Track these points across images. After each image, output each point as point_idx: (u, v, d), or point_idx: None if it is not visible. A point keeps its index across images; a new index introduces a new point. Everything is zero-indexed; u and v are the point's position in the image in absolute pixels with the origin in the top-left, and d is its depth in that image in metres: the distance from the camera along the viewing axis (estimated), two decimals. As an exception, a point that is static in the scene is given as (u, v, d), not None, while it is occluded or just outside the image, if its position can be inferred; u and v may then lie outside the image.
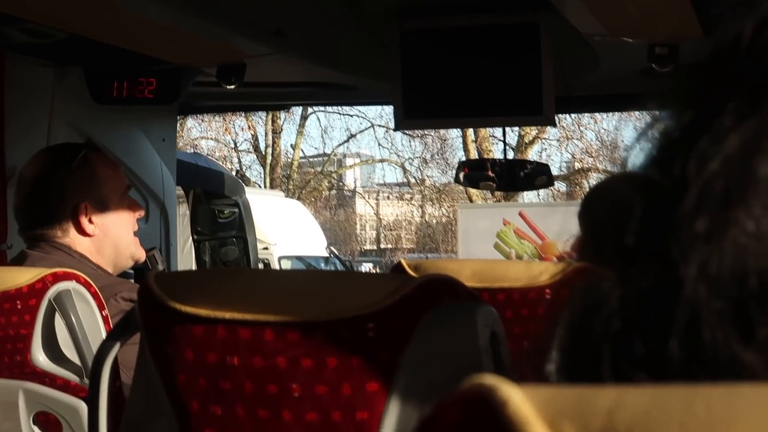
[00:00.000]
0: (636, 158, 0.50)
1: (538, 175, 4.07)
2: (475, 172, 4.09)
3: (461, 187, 23.12)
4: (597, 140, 24.34)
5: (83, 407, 2.31)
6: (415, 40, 3.50)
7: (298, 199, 25.27)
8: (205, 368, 1.33)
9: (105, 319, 2.41)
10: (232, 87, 3.55)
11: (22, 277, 2.36)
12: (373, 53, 3.65)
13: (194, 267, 5.21)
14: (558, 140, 24.45)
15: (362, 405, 1.29)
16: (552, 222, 16.25)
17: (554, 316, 0.54)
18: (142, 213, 2.96)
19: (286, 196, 19.33)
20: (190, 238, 5.30)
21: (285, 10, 3.23)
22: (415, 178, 26.70)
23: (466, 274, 2.11)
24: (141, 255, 2.93)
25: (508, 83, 3.43)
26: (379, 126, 25.89)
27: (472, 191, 22.64)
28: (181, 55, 3.46)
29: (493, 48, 3.45)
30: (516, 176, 4.04)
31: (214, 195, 5.16)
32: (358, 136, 27.66)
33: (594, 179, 23.20)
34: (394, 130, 3.67)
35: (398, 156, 26.53)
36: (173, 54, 3.45)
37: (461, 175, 4.08)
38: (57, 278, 2.36)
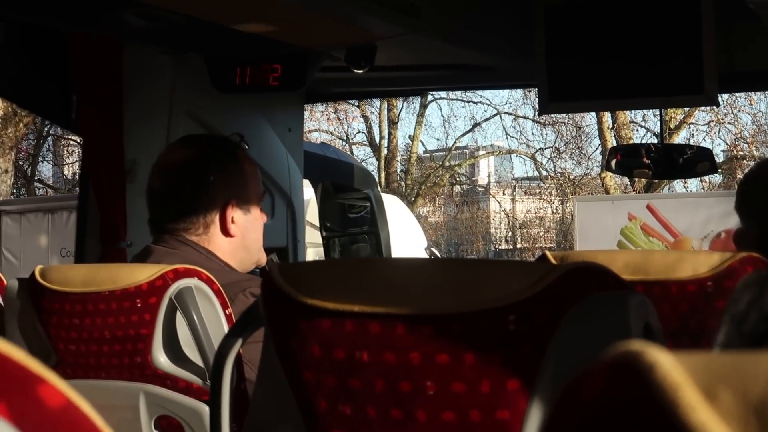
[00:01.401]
0: None
1: (699, 161, 3.98)
2: (629, 159, 4.03)
3: (599, 180, 22.46)
4: (753, 124, 23.24)
5: (206, 411, 2.35)
6: (561, 14, 3.46)
7: (417, 196, 24.91)
8: (333, 365, 1.34)
9: (228, 318, 2.44)
10: (362, 71, 3.56)
11: (142, 274, 2.41)
12: (515, 31, 3.63)
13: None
14: (708, 125, 23.28)
15: (503, 404, 1.28)
16: (685, 217, 15.46)
17: (716, 313, 0.52)
18: (265, 218, 2.97)
19: (385, 192, 18.95)
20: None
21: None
22: (547, 170, 26.00)
23: (618, 266, 2.07)
24: (264, 260, 2.96)
25: (663, 59, 3.36)
26: (507, 114, 25.29)
27: (610, 183, 21.96)
28: (308, 38, 3.49)
29: (646, 21, 3.38)
30: (674, 162, 3.96)
31: (343, 188, 5.19)
32: (483, 125, 26.90)
33: (746, 167, 22.22)
34: (539, 114, 3.64)
35: (528, 146, 25.88)
36: (299, 37, 3.48)
37: (613, 162, 4.02)
38: (178, 275, 2.40)
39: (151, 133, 3.65)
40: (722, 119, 22.86)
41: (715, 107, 21.05)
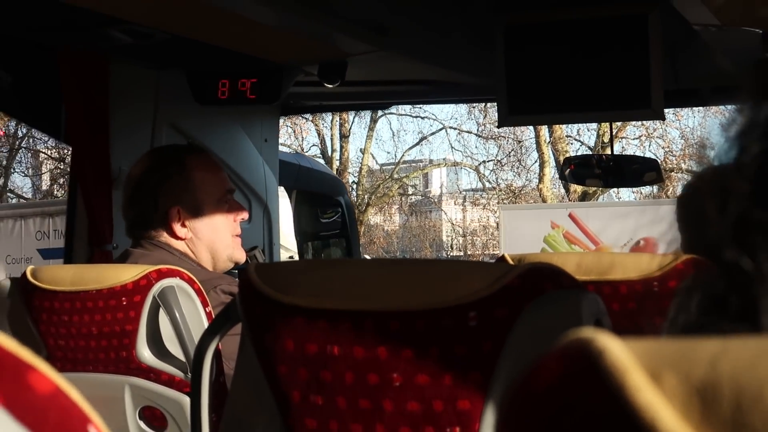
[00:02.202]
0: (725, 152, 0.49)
1: (646, 171, 4.00)
2: (582, 169, 4.05)
3: (538, 190, 22.32)
4: (681, 138, 22.93)
5: (188, 402, 2.34)
6: (519, 34, 3.46)
7: (368, 206, 24.72)
8: (306, 359, 1.34)
9: (208, 315, 2.44)
10: (334, 86, 3.56)
11: (126, 274, 2.41)
12: (476, 49, 3.64)
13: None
14: (638, 138, 23.00)
15: (463, 395, 1.28)
16: (606, 225, 15.01)
17: (664, 309, 0.53)
18: (245, 216, 2.99)
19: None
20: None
21: (387, 6, 3.23)
22: (490, 181, 25.53)
23: (571, 267, 2.08)
24: (240, 257, 2.97)
25: (614, 77, 3.37)
26: (452, 128, 24.98)
27: (547, 193, 21.76)
28: (283, 54, 3.49)
29: (599, 41, 3.40)
30: (624, 172, 3.98)
31: (316, 195, 5.19)
32: (430, 139, 26.49)
33: (678, 180, 21.88)
34: (498, 126, 3.64)
35: (472, 159, 25.48)
36: (274, 53, 3.48)
37: (567, 172, 4.03)
38: (161, 275, 2.40)
39: (137, 143, 3.64)
40: (651, 134, 22.68)
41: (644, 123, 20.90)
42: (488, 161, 24.95)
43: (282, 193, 4.87)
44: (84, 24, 2.99)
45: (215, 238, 2.87)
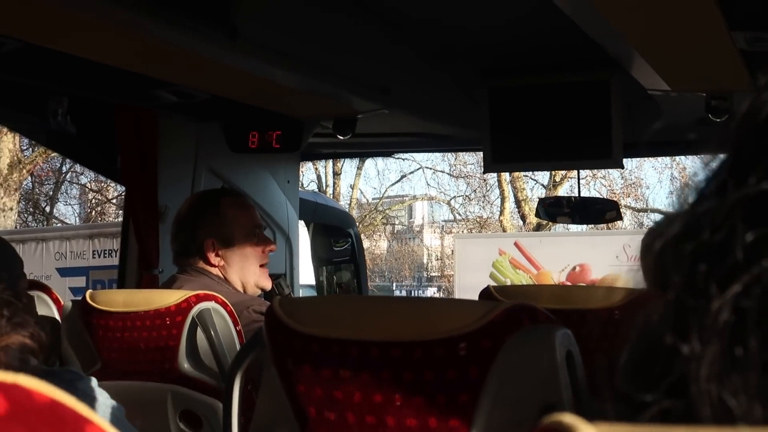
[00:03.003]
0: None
1: (607, 211, 4.00)
2: (553, 208, 4.04)
3: (499, 222, 22.07)
4: (621, 179, 22.53)
5: (220, 406, 2.33)
6: (502, 95, 3.48)
7: None
8: (321, 380, 1.33)
9: (239, 333, 2.43)
10: (346, 137, 3.57)
11: (170, 297, 2.40)
12: (466, 107, 3.64)
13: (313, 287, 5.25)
14: (585, 179, 22.59)
15: (455, 413, 1.27)
16: (547, 252, 14.73)
17: (623, 336, 0.52)
18: (273, 248, 2.97)
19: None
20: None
21: (390, 72, 3.24)
22: (460, 213, 25.27)
23: (545, 297, 2.07)
24: (266, 285, 2.96)
25: (582, 132, 3.38)
26: (427, 168, 24.81)
27: (507, 225, 21.32)
28: (304, 111, 3.50)
29: (568, 102, 3.41)
30: (589, 211, 3.98)
31: (330, 228, 5.19)
32: (409, 177, 26.31)
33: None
34: (483, 172, 3.64)
35: (445, 194, 25.24)
36: (297, 110, 3.49)
37: (542, 211, 4.03)
38: (199, 299, 2.39)
39: (180, 184, 3.64)
40: (596, 174, 22.18)
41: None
42: (458, 196, 24.75)
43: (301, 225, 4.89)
44: (138, 86, 3.00)
45: (244, 266, 2.86)
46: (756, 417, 0.37)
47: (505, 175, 21.15)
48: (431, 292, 24.86)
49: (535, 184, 22.45)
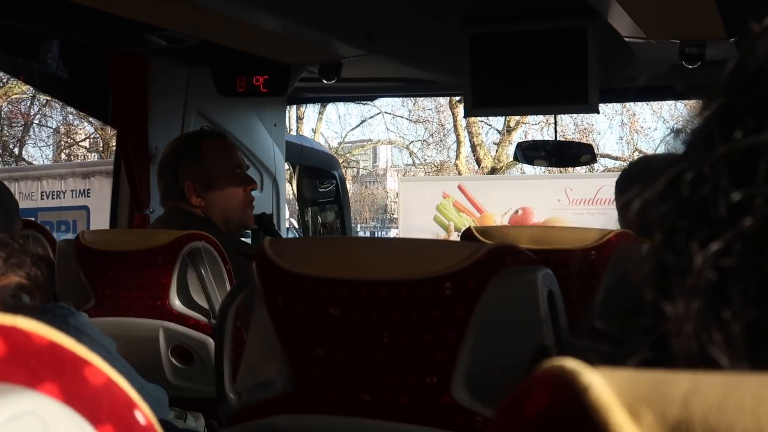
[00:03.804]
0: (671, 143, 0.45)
1: (583, 154, 3.98)
2: (530, 152, 4.02)
3: (455, 166, 21.24)
4: (573, 125, 21.61)
5: (210, 342, 2.32)
6: (482, 42, 3.43)
7: None
8: (310, 318, 1.32)
9: (228, 272, 2.41)
10: (331, 82, 3.53)
11: (162, 237, 2.38)
12: (447, 53, 3.60)
13: (297, 226, 5.23)
14: (538, 124, 21.61)
15: (440, 350, 1.26)
16: (490, 195, 14.19)
17: (598, 275, 0.50)
18: (255, 187, 2.93)
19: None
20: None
21: (374, 19, 3.19)
22: (418, 158, 24.26)
23: (524, 239, 2.06)
24: (249, 222, 2.92)
25: (559, 77, 3.35)
26: (387, 113, 23.58)
27: (462, 168, 20.71)
28: (290, 56, 3.45)
29: (547, 49, 3.37)
30: (565, 154, 3.96)
31: (315, 169, 5.16)
32: (369, 122, 25.39)
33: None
34: (464, 117, 3.62)
35: (404, 139, 24.14)
36: (283, 55, 3.44)
37: (519, 154, 4.01)
38: (190, 238, 2.37)
39: (170, 126, 3.60)
40: (549, 120, 21.06)
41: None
42: (416, 141, 23.89)
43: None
44: (129, 30, 2.94)
45: (226, 206, 2.81)
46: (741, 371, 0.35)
47: (461, 120, 20.78)
48: (394, 233, 24.69)
49: (489, 129, 22.12)
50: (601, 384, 0.32)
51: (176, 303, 2.40)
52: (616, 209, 2.36)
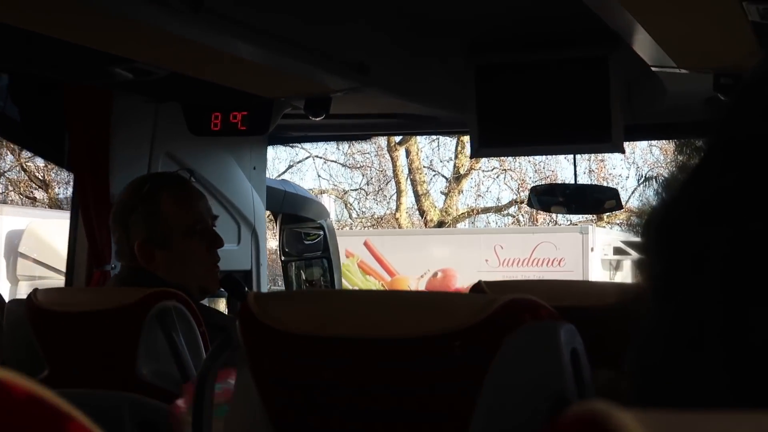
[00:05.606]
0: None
1: (607, 199, 4.01)
2: (547, 197, 4.06)
3: (395, 219, 20.64)
4: (535, 172, 21.17)
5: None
6: (489, 73, 3.48)
7: None
8: (302, 382, 1.33)
9: (203, 335, 2.42)
10: (319, 119, 3.56)
11: (127, 296, 2.39)
12: (451, 86, 3.65)
13: (282, 285, 5.24)
14: (492, 170, 21.33)
15: (450, 417, 1.27)
16: (403, 255, 13.62)
17: (624, 335, 0.54)
18: (220, 245, 2.90)
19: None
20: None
21: (367, 47, 3.24)
22: (355, 210, 23.51)
23: (540, 294, 2.07)
24: (212, 287, 2.91)
25: (578, 113, 3.39)
26: (317, 157, 22.95)
27: (404, 222, 20.29)
28: (271, 90, 3.49)
29: (564, 81, 3.42)
30: (586, 199, 4.00)
31: (300, 219, 5.19)
32: (300, 167, 24.33)
33: (525, 211, 20.47)
34: (470, 157, 3.66)
35: (337, 188, 23.33)
36: (264, 89, 3.48)
37: (534, 200, 4.04)
38: (159, 297, 2.38)
39: (135, 171, 3.62)
40: (504, 166, 21.05)
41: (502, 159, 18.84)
42: (352, 190, 23.18)
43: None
44: (89, 62, 2.98)
45: (183, 270, 2.80)
46: None
47: (403, 167, 20.19)
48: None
49: (434, 176, 21.39)
50: (635, 425, 0.35)
51: (143, 372, 2.40)
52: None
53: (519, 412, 1.25)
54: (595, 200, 4.02)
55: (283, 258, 5.25)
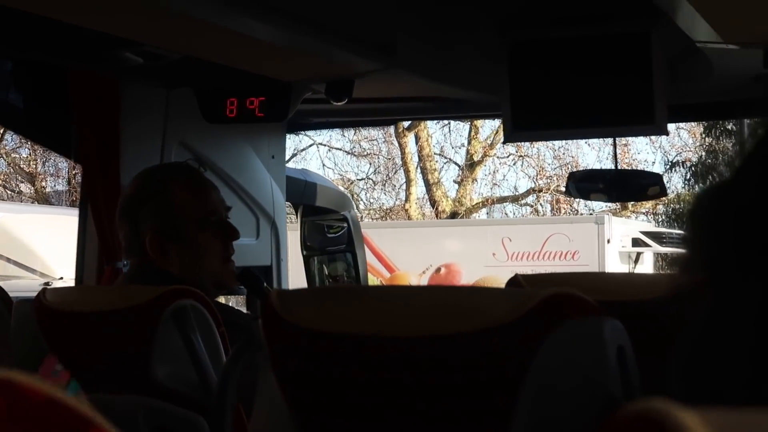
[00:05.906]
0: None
1: (650, 186, 3.98)
2: (586, 184, 4.03)
3: (405, 210, 20.50)
4: (555, 159, 20.89)
5: (203, 422, 2.32)
6: (523, 52, 3.46)
7: None
8: (329, 384, 1.33)
9: (222, 336, 2.42)
10: (341, 103, 3.55)
11: (141, 294, 2.39)
12: (482, 67, 3.63)
13: (304, 281, 5.23)
14: (508, 157, 20.96)
15: (488, 419, 1.27)
16: (404, 249, 13.41)
17: (673, 329, 0.54)
18: (236, 237, 2.90)
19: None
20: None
21: (393, 26, 3.23)
22: (363, 200, 23.27)
23: (580, 287, 2.07)
24: (229, 282, 2.91)
25: (618, 93, 3.37)
26: (321, 145, 22.78)
27: (414, 213, 20.09)
28: (290, 73, 3.48)
29: (602, 58, 3.39)
30: (628, 186, 3.97)
31: (322, 210, 5.17)
32: (305, 155, 23.50)
33: (545, 200, 20.42)
34: (503, 142, 3.65)
35: (343, 178, 23.01)
36: (282, 72, 3.47)
37: (572, 187, 4.02)
38: (176, 295, 2.38)
39: (147, 161, 3.62)
40: (520, 153, 20.69)
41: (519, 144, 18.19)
42: (359, 180, 22.98)
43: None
44: (96, 46, 2.99)
45: (198, 264, 2.80)
46: None
47: (413, 155, 19.98)
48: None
49: (446, 164, 21.14)
50: (696, 423, 0.34)
51: (159, 374, 2.40)
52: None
53: (563, 414, 1.24)
54: (638, 186, 4.00)
55: (304, 252, 5.25)
